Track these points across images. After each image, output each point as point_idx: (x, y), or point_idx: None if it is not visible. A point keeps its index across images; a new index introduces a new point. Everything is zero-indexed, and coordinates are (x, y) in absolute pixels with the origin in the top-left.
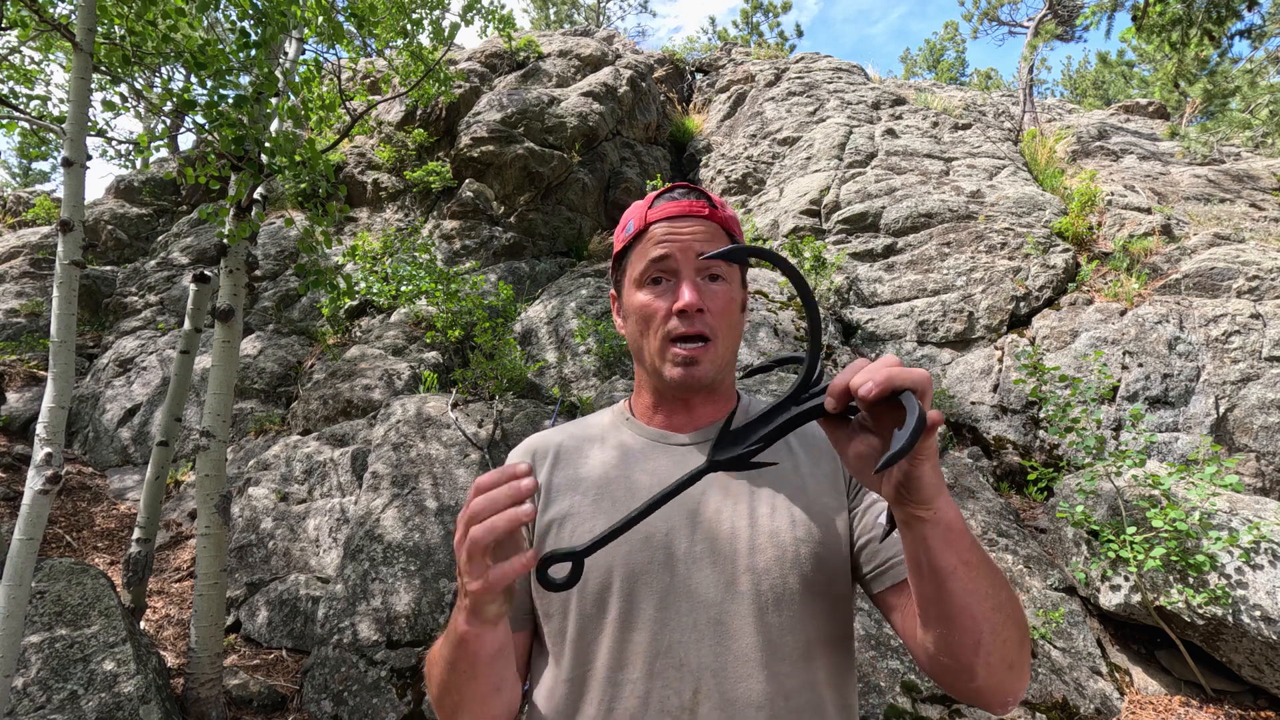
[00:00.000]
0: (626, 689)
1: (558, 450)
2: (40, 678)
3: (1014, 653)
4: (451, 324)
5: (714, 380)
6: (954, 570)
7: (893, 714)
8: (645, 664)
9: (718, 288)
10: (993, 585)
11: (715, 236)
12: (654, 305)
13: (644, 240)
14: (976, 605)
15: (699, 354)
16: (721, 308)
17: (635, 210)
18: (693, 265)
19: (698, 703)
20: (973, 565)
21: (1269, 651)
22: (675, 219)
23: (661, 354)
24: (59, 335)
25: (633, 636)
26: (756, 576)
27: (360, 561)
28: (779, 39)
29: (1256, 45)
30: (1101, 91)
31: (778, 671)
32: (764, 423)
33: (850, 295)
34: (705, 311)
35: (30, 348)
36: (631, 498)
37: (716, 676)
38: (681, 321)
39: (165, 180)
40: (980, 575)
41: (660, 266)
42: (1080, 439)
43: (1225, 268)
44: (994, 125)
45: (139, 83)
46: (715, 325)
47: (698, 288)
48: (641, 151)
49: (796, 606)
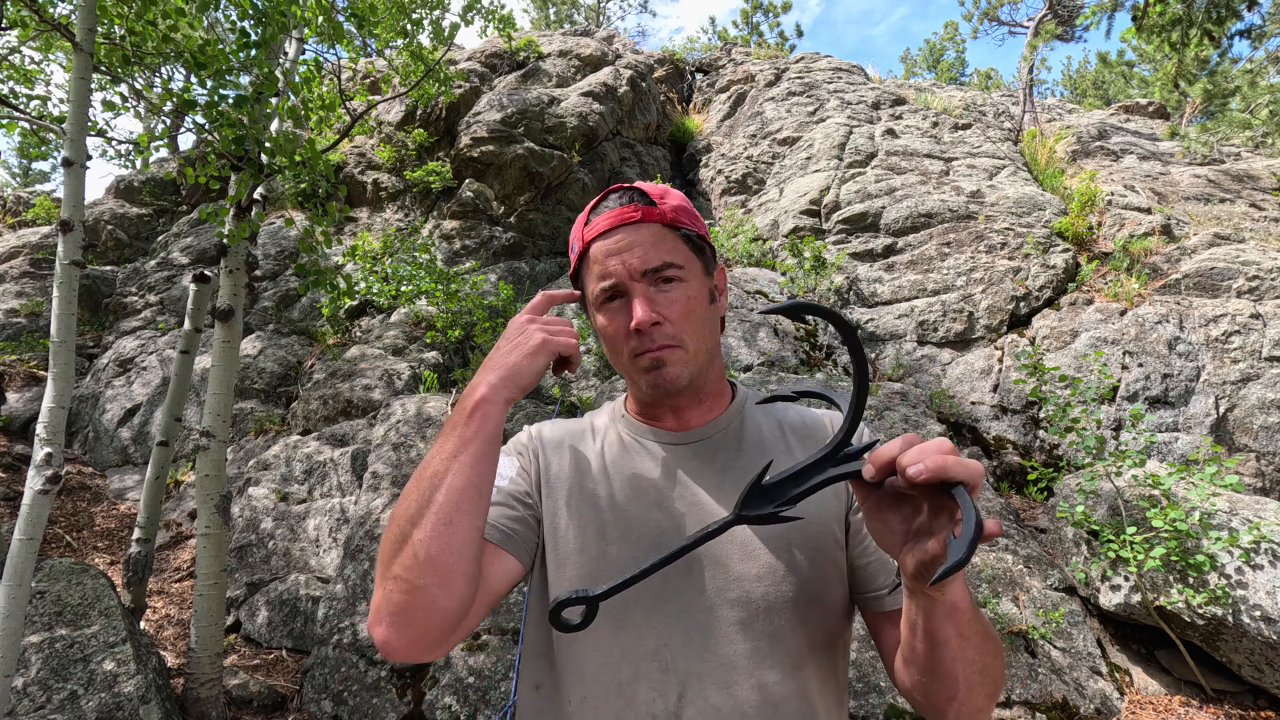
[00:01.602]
0: (613, 691)
1: (557, 442)
2: (40, 678)
3: (984, 704)
4: (451, 324)
5: (691, 381)
6: (948, 640)
7: (893, 714)
8: (632, 666)
9: (674, 292)
10: (981, 653)
11: (658, 238)
12: (613, 326)
13: (588, 262)
14: (961, 671)
15: (665, 355)
16: (681, 311)
17: (576, 229)
18: (639, 280)
19: (683, 707)
20: (967, 637)
21: (1269, 651)
22: (610, 233)
23: (632, 369)
24: (59, 335)
25: (622, 639)
26: (748, 583)
27: (360, 561)
28: (779, 39)
29: (1256, 45)
30: (1101, 91)
31: (766, 680)
32: (796, 481)
33: (850, 295)
34: (663, 322)
35: (30, 348)
36: (617, 499)
37: (702, 681)
38: (640, 341)
39: (165, 180)
40: (971, 646)
41: (608, 289)
42: (1080, 439)
43: (1225, 268)
44: (994, 125)
45: (139, 83)
46: (677, 331)
47: (650, 300)
48: (641, 151)
49: (789, 614)
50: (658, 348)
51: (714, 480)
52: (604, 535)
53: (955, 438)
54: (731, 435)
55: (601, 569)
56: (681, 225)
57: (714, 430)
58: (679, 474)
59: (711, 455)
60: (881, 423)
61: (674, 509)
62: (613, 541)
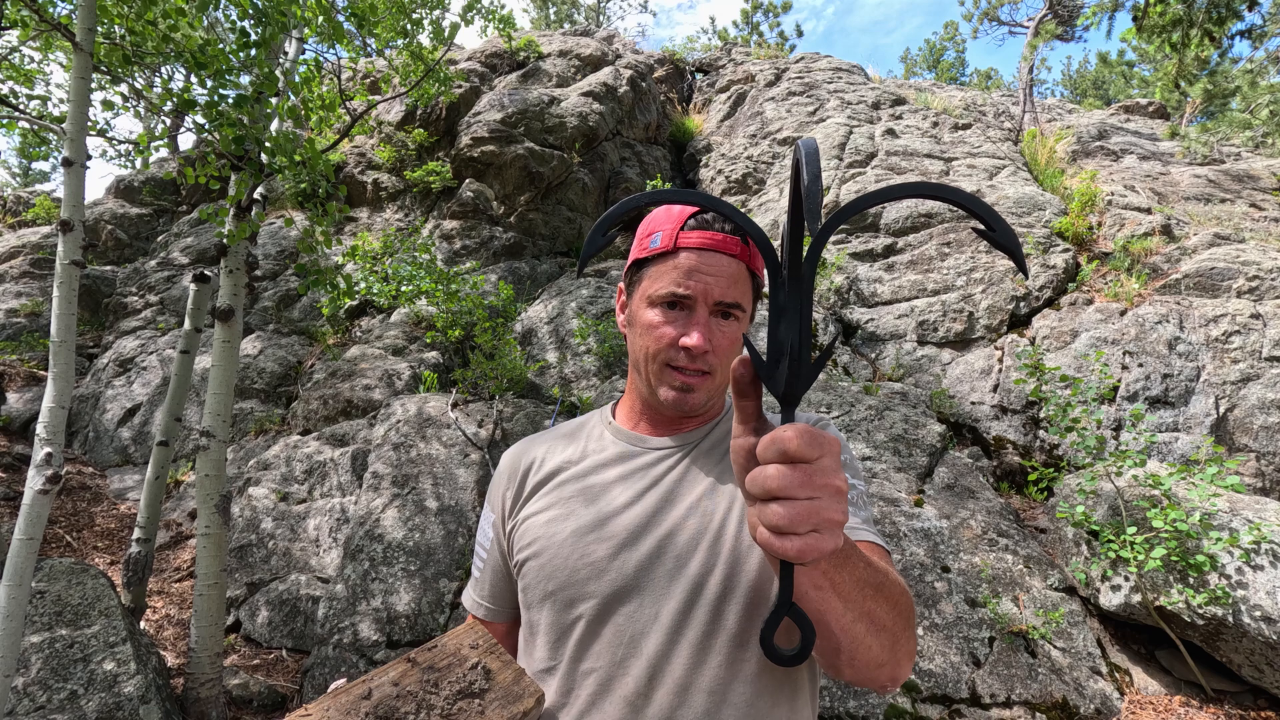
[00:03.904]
0: (592, 677)
1: (542, 455)
2: (40, 678)
3: (882, 654)
4: (451, 324)
5: (705, 406)
6: (805, 594)
7: (893, 714)
8: (609, 655)
9: (728, 327)
10: (859, 603)
11: (740, 279)
12: (663, 329)
13: (669, 261)
14: (833, 621)
15: (697, 383)
16: (727, 346)
17: (664, 223)
18: (709, 307)
19: (653, 689)
20: (824, 589)
21: (1269, 651)
22: (706, 251)
23: (660, 375)
24: (59, 335)
25: (601, 631)
26: (714, 569)
27: (360, 561)
28: (779, 39)
29: (1257, 45)
30: (1101, 91)
31: (735, 658)
32: None
33: (850, 295)
34: (710, 352)
35: (30, 348)
36: (596, 498)
37: (671, 663)
38: (685, 358)
39: (165, 180)
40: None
41: (678, 297)
42: (1080, 439)
43: (1225, 268)
44: (994, 125)
45: (139, 83)
46: (717, 362)
47: (708, 330)
48: (641, 151)
49: (750, 595)
50: (695, 370)
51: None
52: (581, 530)
53: (956, 438)
54: (714, 440)
55: (577, 564)
56: (757, 273)
57: (700, 435)
58: (660, 474)
59: (694, 456)
60: (881, 422)
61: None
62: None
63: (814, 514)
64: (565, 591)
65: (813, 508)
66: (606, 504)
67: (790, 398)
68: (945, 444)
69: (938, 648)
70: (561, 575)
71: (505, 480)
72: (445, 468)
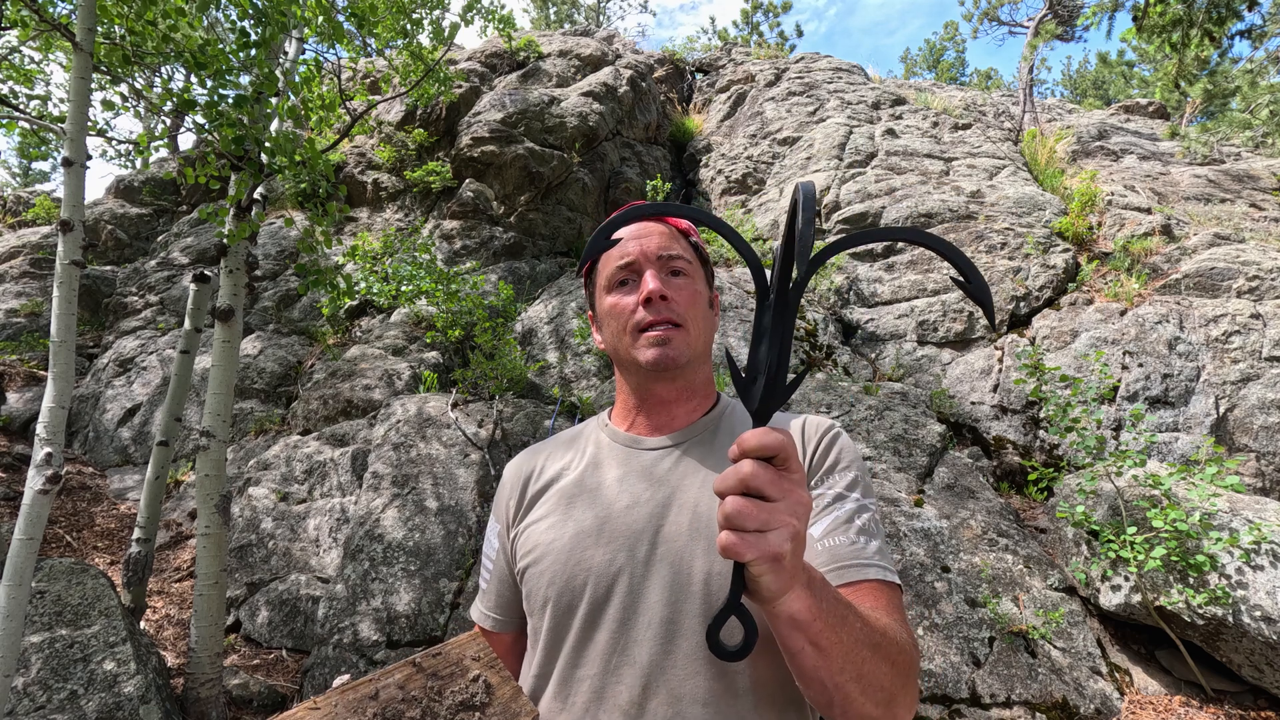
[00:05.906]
0: (585, 684)
1: (542, 463)
2: (40, 678)
3: (875, 709)
4: (451, 324)
5: (689, 364)
6: (801, 650)
7: None
8: (603, 661)
9: (680, 281)
10: (847, 659)
11: (673, 237)
12: (622, 303)
13: (609, 252)
14: (828, 677)
15: (671, 335)
16: (687, 298)
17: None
18: (653, 263)
19: (647, 698)
20: (823, 647)
21: (1269, 651)
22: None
23: (635, 343)
24: (59, 335)
25: (596, 636)
26: (708, 576)
27: (360, 561)
28: (779, 39)
29: (1257, 45)
30: (1101, 91)
31: (726, 669)
32: None
33: (850, 295)
34: (670, 299)
35: (30, 348)
36: (595, 502)
37: (666, 674)
38: (648, 311)
39: (165, 180)
40: (834, 656)
41: (626, 270)
42: (1080, 439)
43: (1225, 268)
44: (994, 125)
45: (139, 83)
46: (683, 312)
47: (660, 280)
48: (641, 151)
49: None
50: (664, 321)
51: (690, 479)
52: (580, 536)
53: (956, 438)
54: (709, 436)
55: (575, 569)
56: (691, 235)
57: (693, 433)
58: (656, 475)
59: (688, 456)
60: (881, 422)
61: (649, 509)
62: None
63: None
64: (563, 597)
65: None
66: (605, 507)
67: (762, 414)
68: (945, 444)
69: (938, 648)
70: (560, 581)
71: (509, 490)
72: (445, 468)
